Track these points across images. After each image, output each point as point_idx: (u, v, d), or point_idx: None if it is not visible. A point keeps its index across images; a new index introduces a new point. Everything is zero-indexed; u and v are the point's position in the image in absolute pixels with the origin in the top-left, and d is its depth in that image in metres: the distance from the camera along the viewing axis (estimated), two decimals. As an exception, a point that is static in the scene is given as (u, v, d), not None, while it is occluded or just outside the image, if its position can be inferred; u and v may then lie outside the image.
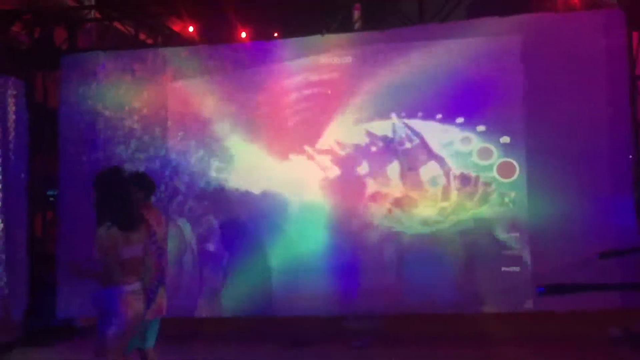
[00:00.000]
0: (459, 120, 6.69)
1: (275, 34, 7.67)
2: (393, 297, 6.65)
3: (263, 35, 7.48)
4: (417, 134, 6.75)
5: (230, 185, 7.11)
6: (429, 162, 6.74)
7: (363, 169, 6.90)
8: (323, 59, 7.02)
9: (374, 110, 6.86)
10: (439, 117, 6.73)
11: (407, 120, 6.80)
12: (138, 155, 7.24)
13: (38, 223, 7.94)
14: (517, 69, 6.58)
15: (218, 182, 7.13)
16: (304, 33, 7.18)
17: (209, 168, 7.16)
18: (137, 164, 7.11)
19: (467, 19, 7.14)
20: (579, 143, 6.37)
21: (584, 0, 6.83)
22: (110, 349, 3.69)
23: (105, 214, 3.78)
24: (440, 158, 6.72)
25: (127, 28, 8.40)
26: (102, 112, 7.35)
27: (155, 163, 7.22)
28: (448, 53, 6.68)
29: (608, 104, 6.41)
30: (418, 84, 6.73)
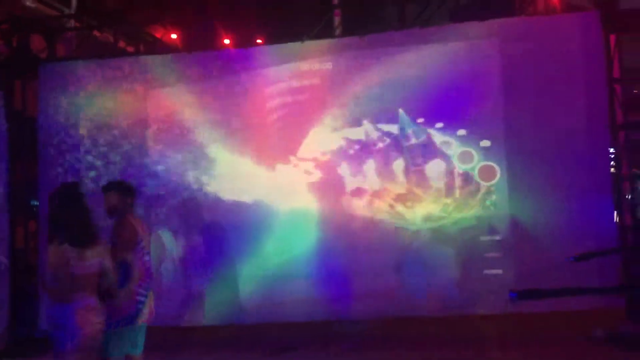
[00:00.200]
0: (439, 125, 6.74)
1: (259, 41, 7.66)
2: (383, 301, 6.64)
3: (247, 42, 7.46)
4: (423, 131, 6.77)
5: (213, 193, 7.08)
6: (435, 159, 6.75)
7: (344, 171, 6.90)
8: (304, 66, 7.03)
9: (353, 116, 6.87)
10: (420, 121, 6.77)
11: (381, 125, 6.84)
12: (119, 164, 7.21)
13: (20, 233, 7.85)
14: (496, 73, 6.64)
15: (200, 190, 7.09)
16: (287, 39, 7.18)
17: (191, 176, 7.12)
18: (117, 172, 7.10)
19: (449, 24, 7.17)
20: (558, 146, 6.43)
21: (564, 3, 6.90)
22: None
23: (59, 230, 3.75)
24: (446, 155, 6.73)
25: (106, 36, 8.35)
26: (81, 120, 7.31)
27: (136, 171, 7.17)
28: (428, 58, 6.72)
29: (586, 106, 6.48)
30: (398, 89, 6.77)
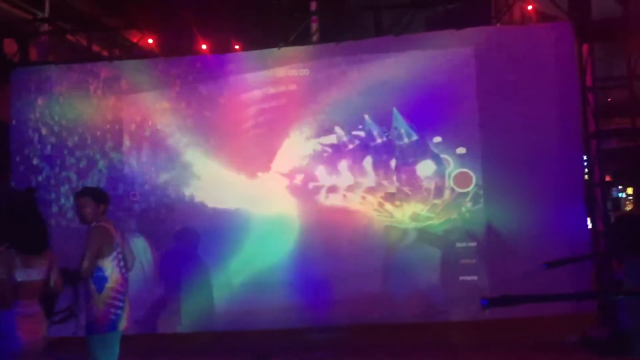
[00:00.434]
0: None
1: (237, 46, 7.61)
2: (361, 307, 6.63)
3: (224, 48, 7.41)
4: (415, 131, 6.78)
5: (188, 199, 7.01)
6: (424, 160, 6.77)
7: (322, 175, 6.89)
8: (280, 72, 7.02)
9: (329, 122, 6.86)
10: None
11: (356, 132, 6.85)
12: (92, 169, 7.10)
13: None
14: (471, 81, 6.69)
15: (175, 195, 7.02)
16: (264, 45, 7.16)
17: (165, 182, 7.05)
18: (90, 178, 7.01)
19: (425, 32, 7.23)
20: (532, 153, 6.50)
21: (539, 13, 7.00)
22: None
23: (6, 236, 3.68)
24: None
25: (80, 40, 8.22)
26: (54, 125, 7.19)
27: (110, 177, 7.08)
28: (404, 65, 6.75)
29: (560, 115, 6.57)
30: (374, 96, 6.78)
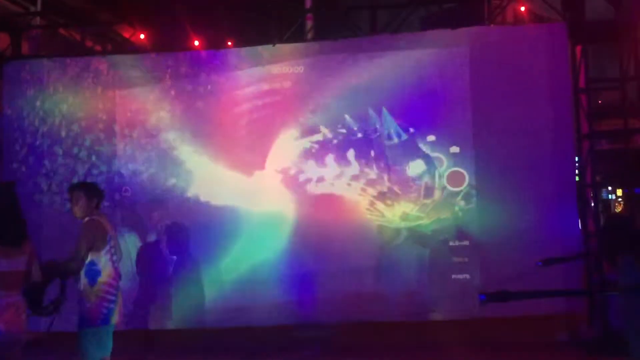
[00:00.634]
0: (410, 130, 6.77)
1: (230, 43, 7.59)
2: (351, 305, 6.64)
3: (217, 44, 7.38)
4: (406, 130, 6.78)
5: (180, 195, 6.99)
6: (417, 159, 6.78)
7: (313, 172, 6.88)
8: (275, 69, 7.01)
9: (323, 119, 6.86)
10: (390, 127, 6.81)
11: (351, 127, 6.84)
12: (85, 164, 7.06)
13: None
14: (465, 80, 6.72)
15: (167, 191, 6.99)
16: (258, 42, 7.14)
17: (158, 177, 7.02)
18: (82, 171, 6.98)
19: (420, 32, 7.24)
20: (525, 152, 6.55)
21: (532, 14, 7.04)
22: None
23: None
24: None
25: (73, 35, 8.16)
26: (47, 120, 7.15)
27: (103, 172, 7.04)
28: (398, 64, 6.77)
29: (553, 115, 6.62)
30: (368, 94, 6.80)
